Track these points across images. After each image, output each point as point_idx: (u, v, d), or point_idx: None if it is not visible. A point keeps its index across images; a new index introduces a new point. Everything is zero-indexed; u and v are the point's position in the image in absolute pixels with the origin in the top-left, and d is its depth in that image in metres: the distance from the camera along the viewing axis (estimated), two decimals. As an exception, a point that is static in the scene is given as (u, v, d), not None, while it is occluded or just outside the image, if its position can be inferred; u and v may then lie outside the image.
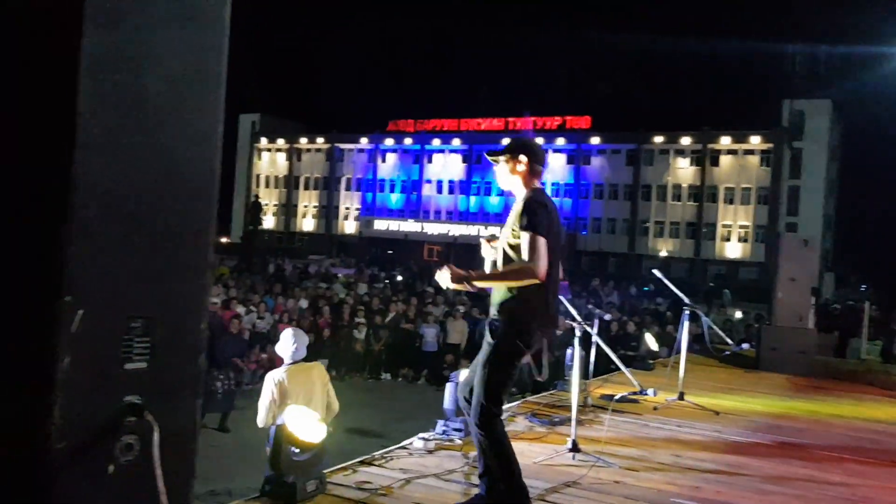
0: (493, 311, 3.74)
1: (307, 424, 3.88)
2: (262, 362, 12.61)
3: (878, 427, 7.00)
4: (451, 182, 64.25)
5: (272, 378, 5.10)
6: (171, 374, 1.68)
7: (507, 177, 3.87)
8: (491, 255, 3.89)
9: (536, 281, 3.51)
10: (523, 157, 3.82)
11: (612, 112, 65.93)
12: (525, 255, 3.51)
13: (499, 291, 3.70)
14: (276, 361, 12.62)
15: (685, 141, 56.82)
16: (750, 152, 55.59)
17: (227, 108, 1.81)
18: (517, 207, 3.70)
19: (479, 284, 3.67)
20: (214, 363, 10.13)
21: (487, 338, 3.74)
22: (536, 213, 3.57)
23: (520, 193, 3.82)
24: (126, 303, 1.59)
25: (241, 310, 13.65)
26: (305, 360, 5.47)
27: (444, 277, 3.60)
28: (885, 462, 5.57)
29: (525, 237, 3.53)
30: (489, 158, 3.97)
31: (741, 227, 55.79)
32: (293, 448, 3.76)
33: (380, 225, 64.88)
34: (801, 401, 8.24)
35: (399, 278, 28.04)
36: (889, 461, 5.61)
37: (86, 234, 1.51)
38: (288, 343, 5.33)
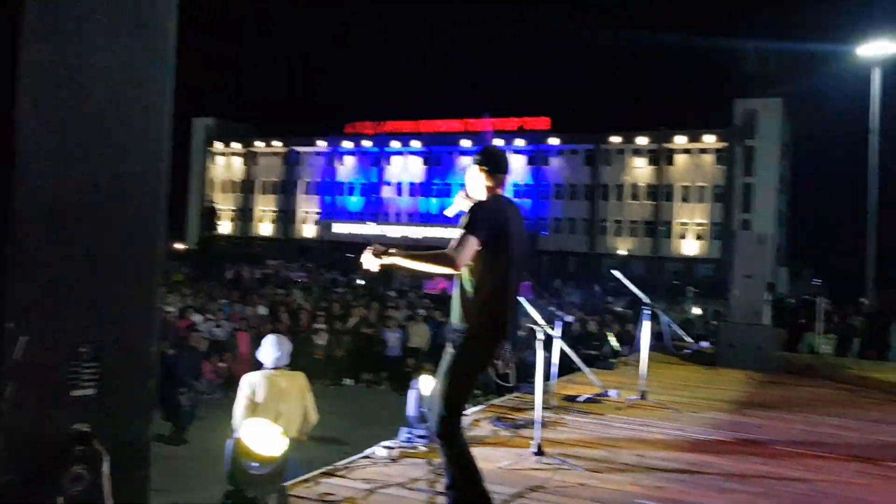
0: (453, 319, 3.74)
1: (265, 437, 3.80)
2: (220, 371, 12.40)
3: (835, 421, 7.13)
4: (411, 184, 64.18)
5: (248, 381, 5.08)
6: (122, 399, 1.61)
7: (474, 186, 3.92)
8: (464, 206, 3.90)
9: (451, 270, 3.55)
10: (487, 168, 3.86)
11: (570, 113, 66.55)
12: (455, 250, 3.55)
13: (458, 299, 3.71)
14: (234, 369, 12.52)
15: (641, 141, 57.59)
16: (704, 151, 56.54)
17: (179, 113, 1.76)
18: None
19: (400, 262, 3.62)
20: (176, 378, 9.97)
21: (448, 347, 3.73)
22: (475, 217, 3.62)
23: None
24: (72, 328, 1.53)
25: (197, 318, 13.42)
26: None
27: (367, 258, 3.56)
28: (843, 456, 5.66)
29: (460, 234, 3.59)
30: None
31: (697, 224, 56.70)
32: (251, 462, 3.69)
33: (339, 228, 64.51)
34: (760, 397, 8.37)
35: (360, 282, 27.90)
36: (847, 455, 5.71)
37: (27, 256, 1.44)
38: (270, 349, 5.34)
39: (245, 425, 3.92)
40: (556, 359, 6.79)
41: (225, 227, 68.19)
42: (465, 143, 61.19)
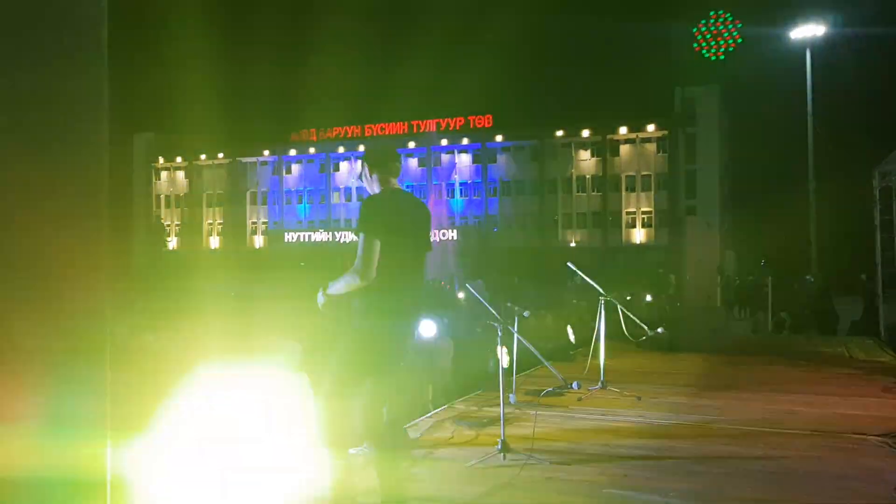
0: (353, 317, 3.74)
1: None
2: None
3: (792, 397, 7.27)
4: (359, 189, 63.81)
5: None
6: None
7: (369, 184, 3.91)
8: None
9: (362, 285, 3.55)
10: (371, 167, 3.87)
11: (514, 109, 66.77)
12: (357, 258, 3.55)
13: (356, 296, 3.69)
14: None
15: (585, 133, 58.28)
16: (647, 140, 57.48)
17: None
18: None
19: (334, 293, 3.68)
20: None
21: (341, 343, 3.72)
22: (366, 214, 3.63)
23: None
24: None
25: (150, 337, 13.12)
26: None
27: (318, 299, 3.69)
28: (803, 432, 5.76)
29: (358, 240, 3.59)
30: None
31: (644, 213, 57.60)
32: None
33: (290, 237, 63.89)
34: (718, 378, 8.50)
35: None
36: (807, 430, 5.82)
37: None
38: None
39: None
40: (515, 354, 6.79)
41: (172, 242, 66.92)
42: (412, 145, 61.17)
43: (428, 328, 9.69)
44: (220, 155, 69.20)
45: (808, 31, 26.60)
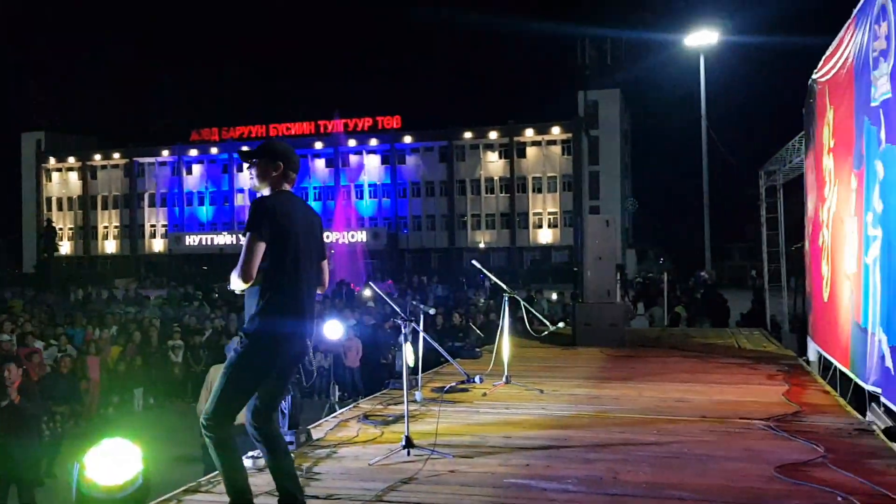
0: (246, 320, 3.71)
1: (114, 462, 3.55)
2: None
3: (684, 386, 7.60)
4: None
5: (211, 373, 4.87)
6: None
7: (259, 180, 3.82)
8: None
9: (244, 284, 3.55)
10: (280, 163, 3.80)
11: (422, 110, 67.10)
12: (239, 261, 3.54)
13: (247, 301, 3.68)
14: (87, 397, 11.78)
15: (493, 135, 59.04)
16: (552, 143, 58.69)
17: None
18: None
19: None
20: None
21: (236, 347, 3.70)
22: (254, 215, 3.58)
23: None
24: None
25: (38, 344, 12.54)
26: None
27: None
28: (693, 418, 6.05)
29: (244, 240, 3.56)
30: (242, 159, 3.88)
31: (550, 213, 58.79)
32: (96, 491, 3.46)
33: (191, 240, 62.11)
34: (615, 370, 8.79)
35: (216, 294, 26.94)
36: (696, 416, 6.10)
37: None
38: None
39: (93, 451, 3.62)
40: (421, 352, 6.85)
41: (65, 247, 63.90)
42: (319, 146, 60.50)
43: (334, 329, 9.64)
44: (116, 155, 66.59)
45: (701, 37, 27.79)
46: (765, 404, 6.56)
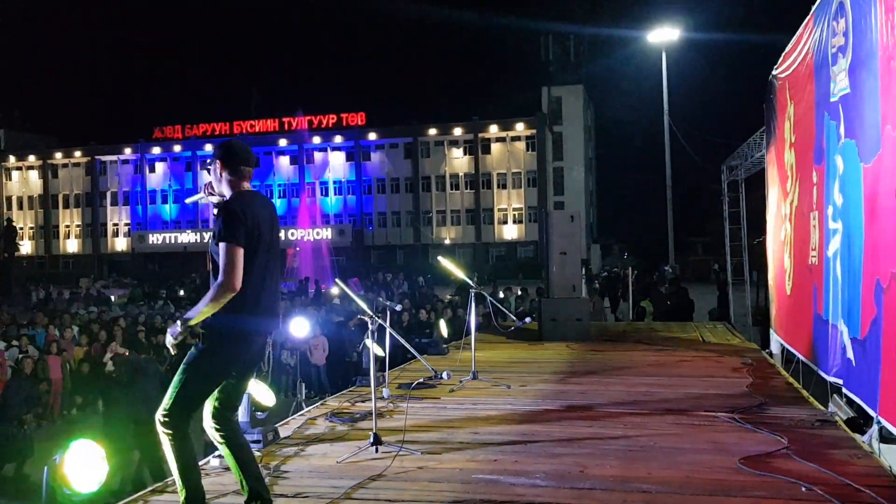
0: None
1: (84, 464, 3.50)
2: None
3: (650, 380, 7.67)
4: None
5: None
6: None
7: (217, 183, 3.83)
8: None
9: (231, 293, 3.50)
10: (226, 162, 3.78)
11: (386, 107, 66.95)
12: (221, 269, 3.51)
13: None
14: (48, 399, 11.58)
15: (457, 132, 59.06)
16: (517, 139, 58.89)
17: None
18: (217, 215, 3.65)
19: (196, 321, 3.54)
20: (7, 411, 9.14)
21: (197, 343, 3.63)
22: (228, 223, 3.55)
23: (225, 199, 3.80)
24: None
25: (1, 345, 12.29)
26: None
27: (168, 339, 3.56)
28: (658, 411, 6.10)
29: (221, 249, 3.53)
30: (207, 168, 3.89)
31: (515, 209, 59.00)
32: (68, 491, 3.40)
33: (154, 239, 61.27)
34: (582, 365, 8.84)
35: (181, 293, 26.62)
36: (662, 409, 6.16)
37: None
38: None
39: (70, 450, 3.56)
40: (388, 348, 6.82)
41: (25, 247, 62.58)
42: (283, 143, 60.02)
43: (301, 326, 9.57)
44: (78, 153, 65.39)
45: (664, 34, 28.08)
46: (729, 397, 6.64)
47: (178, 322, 3.56)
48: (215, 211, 3.66)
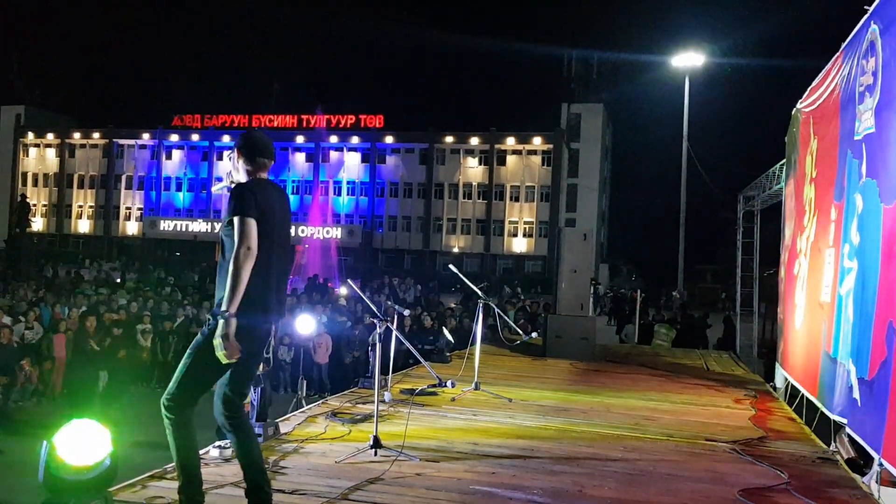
0: (217, 303, 3.64)
1: (83, 443, 3.49)
2: (29, 376, 11.40)
3: (651, 405, 7.65)
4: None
5: None
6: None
7: (235, 171, 3.86)
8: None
9: (252, 257, 3.49)
10: (244, 151, 3.81)
11: (404, 111, 67.09)
12: (236, 238, 3.52)
13: (218, 283, 3.63)
14: (50, 376, 11.64)
15: (474, 141, 59.10)
16: (533, 153, 58.86)
17: None
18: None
19: (235, 307, 3.49)
20: None
21: (203, 329, 3.63)
22: (241, 197, 3.58)
23: None
24: None
25: (7, 320, 12.34)
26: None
27: (227, 354, 3.46)
28: (660, 437, 6.08)
29: (235, 222, 3.54)
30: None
31: (526, 223, 58.93)
32: (65, 471, 3.40)
33: (166, 225, 61.44)
34: (585, 384, 8.82)
35: (196, 279, 26.71)
36: (663, 435, 6.14)
37: None
38: None
39: (64, 430, 3.55)
40: (392, 352, 6.82)
41: (37, 223, 62.92)
42: (300, 139, 60.20)
43: (307, 323, 9.58)
44: (96, 135, 65.71)
45: (687, 59, 28.08)
46: (731, 427, 6.62)
47: (217, 320, 3.48)
48: (229, 194, 3.68)
